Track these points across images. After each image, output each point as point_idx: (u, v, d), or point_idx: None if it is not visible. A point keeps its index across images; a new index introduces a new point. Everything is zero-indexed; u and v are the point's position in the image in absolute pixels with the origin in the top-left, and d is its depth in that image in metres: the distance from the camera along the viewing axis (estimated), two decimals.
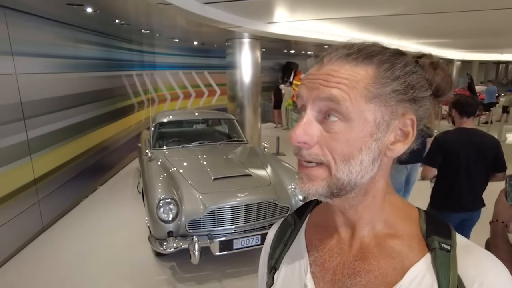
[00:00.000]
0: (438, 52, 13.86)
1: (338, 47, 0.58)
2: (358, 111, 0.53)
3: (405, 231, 0.61)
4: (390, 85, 0.54)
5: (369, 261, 0.59)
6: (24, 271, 3.31)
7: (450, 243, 0.57)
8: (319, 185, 0.56)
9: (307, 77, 0.59)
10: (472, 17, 5.01)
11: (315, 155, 0.55)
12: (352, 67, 0.55)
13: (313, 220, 0.74)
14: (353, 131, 0.54)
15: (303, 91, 0.58)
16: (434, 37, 8.80)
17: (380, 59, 0.55)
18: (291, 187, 3.47)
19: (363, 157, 0.55)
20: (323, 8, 4.62)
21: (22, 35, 3.74)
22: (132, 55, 7.52)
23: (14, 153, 3.54)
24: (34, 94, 3.89)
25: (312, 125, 0.56)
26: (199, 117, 5.54)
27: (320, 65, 0.58)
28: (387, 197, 0.62)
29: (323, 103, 0.55)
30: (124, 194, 5.32)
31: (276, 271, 0.72)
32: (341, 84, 0.54)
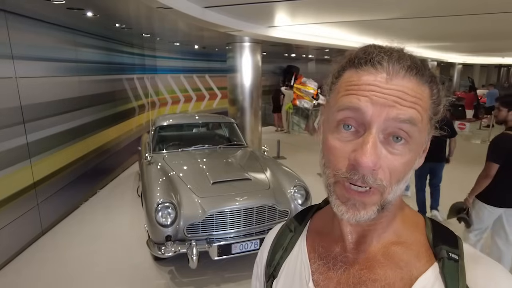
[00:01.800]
0: (439, 55, 13.86)
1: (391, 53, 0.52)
2: (423, 132, 0.53)
3: (413, 240, 0.59)
4: (439, 106, 0.55)
5: (375, 271, 0.57)
6: (23, 275, 3.30)
7: (458, 253, 0.56)
8: (372, 210, 0.53)
9: (368, 87, 0.51)
10: (473, 21, 5.00)
11: (380, 180, 0.51)
12: (419, 84, 0.52)
13: (314, 226, 0.71)
14: (411, 153, 0.52)
15: (366, 104, 0.50)
16: (435, 41, 8.79)
17: (430, 77, 0.54)
18: (290, 191, 3.46)
19: (409, 175, 0.55)
20: (324, 12, 4.63)
21: (22, 39, 3.76)
22: (133, 59, 7.54)
23: (13, 157, 3.54)
24: (34, 98, 3.90)
25: (378, 147, 0.50)
26: (200, 121, 5.54)
27: (381, 74, 0.51)
28: (401, 205, 0.61)
29: (396, 124, 0.50)
30: (124, 197, 5.31)
31: (274, 279, 0.69)
32: (417, 105, 0.51)
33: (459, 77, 20.15)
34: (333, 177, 0.54)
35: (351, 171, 0.51)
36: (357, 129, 0.52)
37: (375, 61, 0.52)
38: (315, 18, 5.15)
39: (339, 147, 0.53)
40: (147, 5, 3.48)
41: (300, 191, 3.49)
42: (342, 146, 0.53)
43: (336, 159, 0.53)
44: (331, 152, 0.54)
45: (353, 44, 7.93)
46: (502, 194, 2.81)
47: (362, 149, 0.49)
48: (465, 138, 9.98)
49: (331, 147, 0.54)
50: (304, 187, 3.52)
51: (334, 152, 0.54)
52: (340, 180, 0.53)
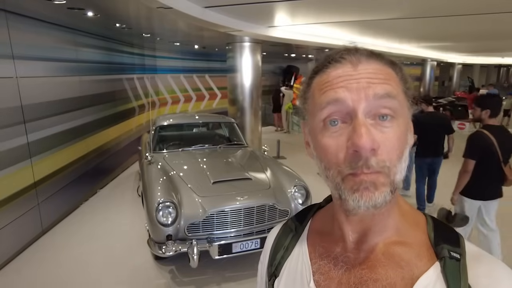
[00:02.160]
0: (439, 55, 13.87)
1: (349, 48, 0.57)
2: (403, 106, 0.55)
3: (414, 239, 0.59)
4: (408, 82, 0.58)
5: (376, 270, 0.57)
6: (24, 274, 3.31)
7: (460, 252, 0.55)
8: (386, 192, 0.52)
9: (338, 79, 0.54)
10: (473, 21, 5.00)
11: (382, 161, 0.51)
12: (383, 66, 0.56)
13: (315, 226, 0.71)
14: (400, 127, 0.54)
15: (344, 93, 0.52)
16: (435, 41, 8.80)
17: (388, 60, 0.58)
18: (290, 191, 3.46)
19: (406, 152, 0.56)
20: (324, 12, 4.63)
21: (23, 38, 3.76)
22: (133, 59, 7.55)
23: (14, 156, 3.54)
24: (34, 98, 3.91)
25: (370, 128, 0.51)
26: (200, 121, 5.55)
27: (348, 65, 0.54)
28: (398, 199, 0.61)
29: (378, 101, 0.52)
30: (124, 197, 5.31)
31: (276, 278, 0.70)
32: (389, 81, 0.54)
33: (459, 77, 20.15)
34: (339, 175, 0.54)
35: (353, 159, 0.51)
36: (344, 121, 0.53)
37: (337, 58, 0.56)
38: (315, 18, 5.16)
39: (333, 143, 0.54)
40: (147, 5, 3.49)
41: (300, 190, 3.49)
42: (336, 141, 0.53)
43: (334, 155, 0.53)
44: (327, 150, 0.54)
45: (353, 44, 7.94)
46: (480, 188, 3.00)
47: (356, 132, 0.50)
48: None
49: (325, 146, 0.55)
50: (304, 187, 3.53)
51: (330, 150, 0.54)
52: (346, 174, 0.53)
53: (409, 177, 5.37)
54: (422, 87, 15.11)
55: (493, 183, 2.99)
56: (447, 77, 21.29)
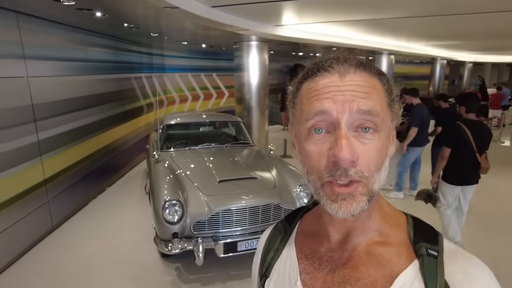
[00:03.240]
0: (449, 54, 13.68)
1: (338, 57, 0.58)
2: (385, 119, 0.57)
3: (394, 238, 0.61)
4: (392, 94, 0.59)
5: (359, 269, 0.60)
6: (34, 269, 3.39)
7: (437, 249, 0.57)
8: (363, 201, 0.55)
9: (325, 89, 0.55)
10: (484, 19, 4.93)
11: (360, 172, 0.53)
12: (370, 77, 0.57)
13: (303, 227, 0.74)
14: (381, 139, 0.56)
15: (329, 104, 0.54)
16: (444, 39, 8.68)
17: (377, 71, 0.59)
18: (296, 190, 3.47)
19: (386, 162, 0.58)
20: (332, 10, 4.61)
21: (33, 39, 3.83)
22: (141, 58, 7.62)
23: (25, 154, 3.62)
24: (45, 97, 3.98)
25: (352, 141, 0.53)
26: (207, 120, 5.58)
27: (336, 75, 0.56)
28: (379, 201, 0.63)
29: (360, 116, 0.54)
30: (132, 195, 5.38)
31: (267, 278, 0.72)
32: (372, 95, 0.55)
33: (470, 76, 19.84)
34: (319, 180, 0.56)
35: (333, 168, 0.54)
36: (328, 130, 0.56)
37: (326, 66, 0.57)
38: (323, 17, 5.14)
39: (315, 150, 0.56)
40: (154, 5, 3.52)
41: (305, 190, 3.50)
42: (318, 148, 0.56)
43: (316, 161, 0.56)
44: (310, 156, 0.57)
45: (361, 43, 7.89)
46: (457, 175, 3.37)
47: (338, 145, 0.52)
48: None
49: (309, 152, 0.57)
50: None
51: (313, 156, 0.56)
52: (325, 181, 0.55)
53: (416, 179, 5.33)
54: (431, 86, 14.91)
55: (469, 170, 3.32)
56: (457, 76, 21.00)
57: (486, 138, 3.32)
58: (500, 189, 5.60)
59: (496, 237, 4.03)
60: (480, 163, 3.26)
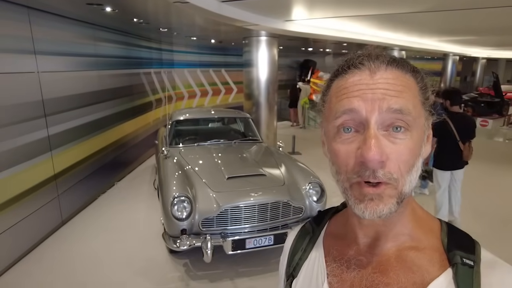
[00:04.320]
0: (462, 50, 13.41)
1: (370, 54, 0.56)
2: (418, 118, 0.55)
3: (427, 243, 0.59)
4: (427, 92, 0.57)
5: (388, 274, 0.58)
6: (44, 264, 3.42)
7: (474, 258, 0.55)
8: (391, 203, 0.53)
9: (354, 87, 0.54)
10: (499, 14, 4.80)
11: (389, 173, 0.52)
12: (403, 74, 0.55)
13: (331, 229, 0.73)
14: (413, 139, 0.54)
15: (358, 102, 0.53)
16: (457, 35, 8.50)
17: (412, 69, 0.57)
18: (305, 188, 3.44)
19: (418, 163, 0.56)
20: (343, 5, 4.53)
21: (44, 34, 3.85)
22: (150, 53, 7.62)
23: (35, 149, 3.65)
24: (55, 92, 4.00)
25: (381, 140, 0.52)
26: (215, 116, 5.56)
27: (366, 72, 0.55)
28: (411, 204, 0.61)
29: (391, 115, 0.52)
30: (141, 190, 5.41)
31: (294, 278, 0.72)
32: (404, 93, 0.53)
33: (483, 72, 19.45)
34: (347, 181, 0.55)
35: (361, 168, 0.52)
36: (357, 129, 0.54)
37: (357, 63, 0.56)
38: (333, 12, 5.06)
39: (344, 149, 0.55)
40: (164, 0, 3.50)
41: (315, 187, 3.46)
42: (346, 148, 0.55)
43: (344, 161, 0.55)
44: (338, 156, 0.56)
45: (372, 38, 7.77)
46: (445, 161, 3.83)
47: (366, 144, 0.51)
48: (487, 136, 9.66)
49: (337, 152, 0.56)
50: (319, 184, 3.49)
51: (341, 156, 0.55)
52: (354, 182, 0.54)
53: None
54: (443, 82, 14.67)
55: (454, 157, 3.78)
56: (469, 72, 20.60)
57: (469, 128, 3.73)
58: None
59: (507, 240, 3.94)
60: (463, 151, 3.71)
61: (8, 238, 3.26)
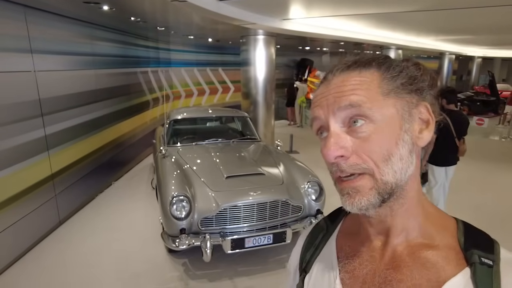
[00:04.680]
0: (458, 48, 13.46)
1: (336, 64, 0.61)
2: (379, 108, 0.55)
3: (441, 241, 0.58)
4: (398, 79, 0.57)
5: (401, 271, 0.57)
6: (41, 264, 3.40)
7: (493, 258, 0.54)
8: (370, 194, 0.55)
9: (316, 98, 0.60)
10: (495, 13, 4.82)
11: (355, 164, 0.55)
12: (358, 74, 0.58)
13: (345, 226, 0.73)
14: (383, 129, 0.55)
15: (318, 111, 0.59)
16: (454, 34, 8.54)
17: (377, 62, 0.59)
18: (304, 187, 3.44)
19: (401, 151, 0.56)
20: (340, 4, 4.53)
21: (41, 33, 3.82)
22: (147, 52, 7.59)
23: (32, 149, 3.62)
24: (52, 91, 3.97)
25: (341, 137, 0.55)
26: (213, 115, 5.55)
27: (326, 83, 0.60)
28: (421, 201, 0.61)
29: (345, 112, 0.55)
30: (139, 189, 5.39)
31: (306, 274, 0.72)
32: (355, 90, 0.56)
33: (478, 71, 19.55)
34: (333, 179, 0.60)
35: (330, 166, 0.58)
36: (327, 131, 0.59)
37: (325, 77, 0.62)
38: (331, 11, 5.06)
39: (323, 150, 0.59)
40: None
41: (313, 186, 3.46)
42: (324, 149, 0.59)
43: (325, 161, 0.59)
44: (323, 156, 0.59)
45: (369, 37, 7.78)
46: (442, 158, 3.93)
47: (325, 145, 0.56)
48: (483, 134, 9.72)
49: (322, 154, 0.60)
50: (318, 183, 3.50)
51: (322, 156, 0.59)
52: (334, 178, 0.59)
53: None
54: (439, 81, 14.61)
55: (450, 153, 3.92)
56: (465, 71, 20.70)
57: (464, 125, 3.87)
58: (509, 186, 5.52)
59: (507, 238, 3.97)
60: (458, 147, 3.87)
61: (6, 238, 3.24)
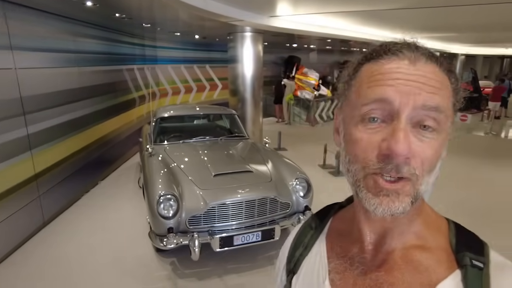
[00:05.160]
0: (442, 46, 13.72)
1: (409, 44, 0.53)
2: (449, 120, 0.52)
3: (434, 244, 0.57)
4: (458, 95, 0.55)
5: (393, 274, 0.56)
6: (26, 266, 3.32)
7: (483, 260, 0.53)
8: (407, 201, 0.50)
9: (392, 75, 0.50)
10: (477, 11, 4.92)
11: (413, 169, 0.49)
12: (440, 71, 0.52)
13: (335, 225, 0.70)
14: (439, 140, 0.51)
15: (393, 93, 0.49)
16: (439, 31, 8.69)
17: (446, 68, 0.53)
18: (292, 184, 3.45)
19: (438, 165, 0.53)
20: (326, 1, 4.56)
21: (21, 29, 3.70)
22: (133, 49, 7.47)
23: (14, 149, 3.52)
24: (34, 89, 3.87)
25: (409, 134, 0.49)
26: (200, 112, 5.51)
27: (406, 61, 0.51)
28: (422, 203, 0.59)
29: (424, 112, 0.49)
30: (126, 189, 5.32)
31: (294, 274, 0.70)
32: (441, 91, 0.51)
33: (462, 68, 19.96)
34: (363, 171, 0.52)
35: (384, 161, 0.49)
36: (384, 120, 0.51)
37: (395, 50, 0.52)
38: (318, 8, 5.08)
39: (366, 138, 0.51)
40: None
41: (301, 183, 3.48)
42: (369, 137, 0.51)
43: (365, 151, 0.51)
44: (358, 144, 0.52)
45: (356, 34, 7.85)
46: None
47: (395, 137, 0.48)
48: (467, 130, 9.94)
49: (358, 140, 0.52)
50: (306, 179, 3.52)
51: (362, 144, 0.52)
52: (370, 172, 0.51)
53: None
54: None
55: None
56: None
57: None
58: (497, 183, 5.67)
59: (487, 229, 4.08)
60: None
61: None
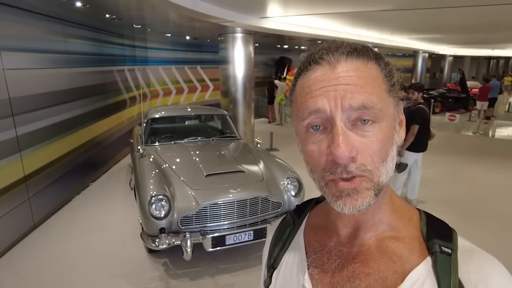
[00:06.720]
0: (430, 47, 13.93)
1: (329, 46, 0.55)
2: (386, 108, 0.54)
3: (406, 233, 0.60)
4: (393, 78, 0.57)
5: (369, 264, 0.58)
6: (15, 269, 3.28)
7: (451, 246, 0.56)
8: (369, 196, 0.53)
9: (318, 85, 0.53)
10: (464, 13, 5.03)
11: (362, 166, 0.51)
12: (364, 66, 0.54)
13: (312, 220, 0.72)
14: (383, 129, 0.53)
15: (322, 102, 0.52)
16: (427, 33, 8.83)
17: (374, 55, 0.56)
18: (283, 183, 3.48)
19: (393, 152, 0.55)
20: (316, 3, 4.60)
21: (9, 29, 3.67)
22: (123, 50, 7.43)
23: (2, 150, 3.48)
24: (23, 90, 3.83)
25: (349, 136, 0.51)
26: (192, 113, 5.51)
27: (328, 67, 0.53)
28: (390, 195, 0.62)
29: (355, 111, 0.51)
30: (117, 190, 5.28)
31: (274, 270, 0.72)
32: (367, 86, 0.52)
33: (450, 69, 20.29)
34: (322, 179, 0.55)
35: (333, 166, 0.52)
36: (325, 126, 0.54)
37: (316, 58, 0.55)
38: (307, 9, 5.12)
39: (315, 148, 0.54)
40: None
41: (293, 182, 3.51)
42: (317, 147, 0.54)
43: (317, 160, 0.54)
44: (311, 156, 0.55)
45: (345, 35, 7.93)
46: (419, 144, 4.29)
47: (334, 142, 0.51)
48: (456, 130, 10.11)
49: (309, 151, 0.56)
50: (297, 179, 3.55)
51: (313, 155, 0.55)
52: (328, 179, 0.54)
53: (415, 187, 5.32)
54: (414, 78, 15.23)
55: (426, 140, 4.38)
56: (438, 69, 21.45)
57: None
58: (483, 181, 5.78)
59: (475, 227, 4.16)
60: (431, 134, 4.43)
61: None
